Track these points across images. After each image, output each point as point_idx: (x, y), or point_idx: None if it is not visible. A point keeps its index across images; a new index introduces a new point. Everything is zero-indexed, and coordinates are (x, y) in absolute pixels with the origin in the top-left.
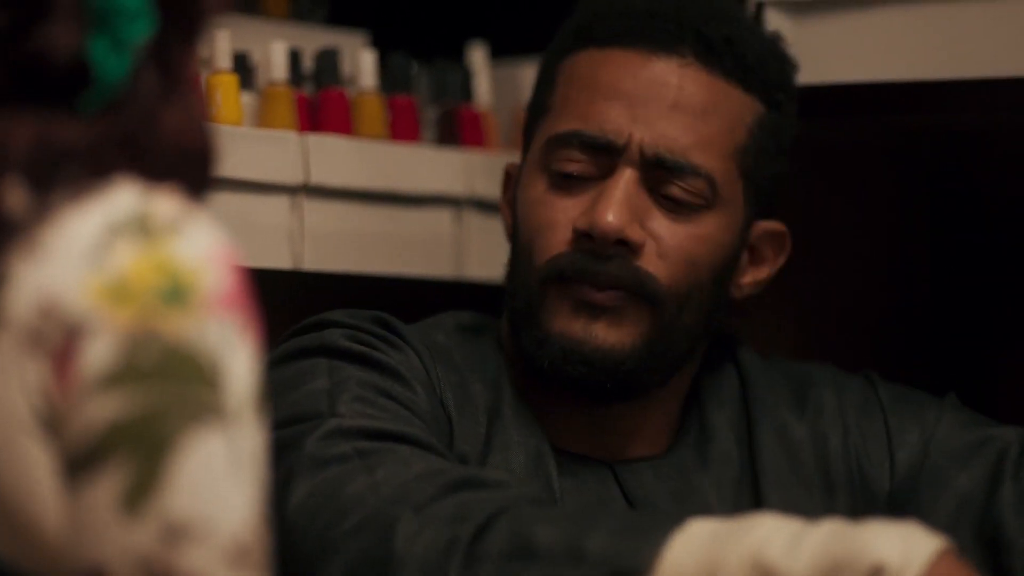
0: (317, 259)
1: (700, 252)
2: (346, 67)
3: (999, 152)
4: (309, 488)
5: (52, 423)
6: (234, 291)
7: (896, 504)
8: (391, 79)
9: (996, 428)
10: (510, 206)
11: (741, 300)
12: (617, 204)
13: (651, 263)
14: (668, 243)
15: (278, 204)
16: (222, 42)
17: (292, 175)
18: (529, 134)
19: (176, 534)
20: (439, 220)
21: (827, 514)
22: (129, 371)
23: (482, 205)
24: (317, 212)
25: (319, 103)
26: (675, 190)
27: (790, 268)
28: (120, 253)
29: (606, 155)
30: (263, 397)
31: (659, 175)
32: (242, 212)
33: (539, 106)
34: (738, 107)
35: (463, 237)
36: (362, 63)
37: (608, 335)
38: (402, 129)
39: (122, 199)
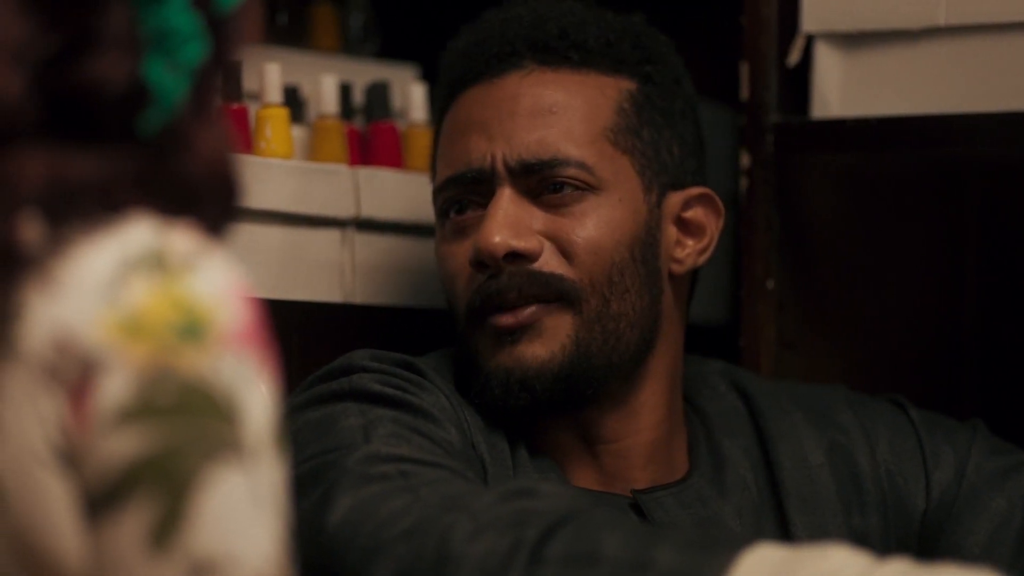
0: (368, 292)
1: (600, 237)
2: (396, 100)
3: None
4: (352, 502)
5: (70, 457)
6: (250, 327)
7: (931, 524)
8: None
9: None
10: None
11: (690, 273)
12: (495, 222)
13: (553, 264)
14: (565, 239)
15: (329, 238)
16: (272, 75)
17: (343, 208)
18: None
19: (203, 571)
20: None
21: (855, 536)
22: (146, 407)
23: None
24: (368, 245)
25: (370, 136)
26: (551, 186)
27: (838, 299)
28: (135, 288)
29: (484, 184)
30: (281, 433)
31: (532, 180)
32: (293, 246)
33: (432, 170)
34: (595, 91)
35: None
36: (412, 96)
37: (535, 350)
38: None
39: (137, 234)
